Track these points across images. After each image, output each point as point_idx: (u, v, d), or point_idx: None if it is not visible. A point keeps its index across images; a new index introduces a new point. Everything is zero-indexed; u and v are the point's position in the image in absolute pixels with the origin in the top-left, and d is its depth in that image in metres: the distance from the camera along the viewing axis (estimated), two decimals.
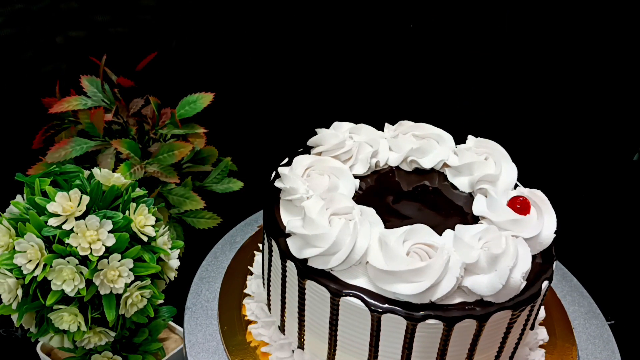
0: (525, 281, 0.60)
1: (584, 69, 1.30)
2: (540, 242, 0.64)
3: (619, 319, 1.07)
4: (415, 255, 0.60)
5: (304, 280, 0.63)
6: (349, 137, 0.78)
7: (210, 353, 0.74)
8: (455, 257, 0.59)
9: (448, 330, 0.59)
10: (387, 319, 0.59)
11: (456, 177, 0.76)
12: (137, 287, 0.70)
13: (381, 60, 1.27)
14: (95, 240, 0.67)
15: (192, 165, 1.01)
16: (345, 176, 0.72)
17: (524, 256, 0.60)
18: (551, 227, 0.65)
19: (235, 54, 1.18)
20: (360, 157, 0.76)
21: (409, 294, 0.58)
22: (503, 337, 0.64)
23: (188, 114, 0.95)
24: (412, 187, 0.76)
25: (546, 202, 0.68)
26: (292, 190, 0.68)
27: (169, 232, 0.77)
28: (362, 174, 0.76)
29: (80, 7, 1.02)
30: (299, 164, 0.72)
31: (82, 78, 0.95)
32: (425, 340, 0.60)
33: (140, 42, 1.09)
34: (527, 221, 0.64)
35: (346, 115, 0.85)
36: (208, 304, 0.80)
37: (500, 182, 0.72)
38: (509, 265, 0.58)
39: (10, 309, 0.69)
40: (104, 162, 0.90)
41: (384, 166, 0.79)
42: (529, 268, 0.60)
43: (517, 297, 0.61)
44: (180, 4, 1.09)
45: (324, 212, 0.63)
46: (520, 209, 0.65)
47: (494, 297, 0.59)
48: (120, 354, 0.82)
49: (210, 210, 1.00)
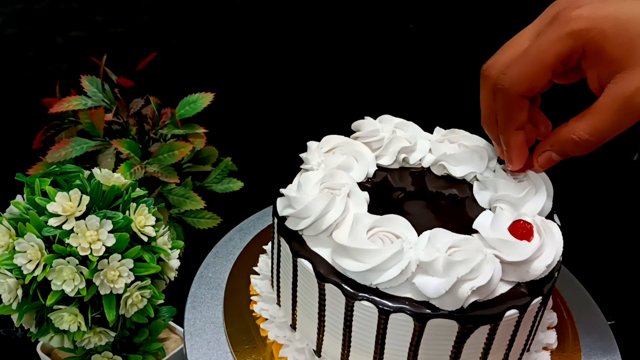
0: (476, 297, 0.58)
1: None
2: (528, 271, 0.61)
3: (619, 319, 1.07)
4: (378, 240, 0.62)
5: (279, 237, 0.69)
6: (390, 130, 0.80)
7: (210, 353, 0.74)
8: (413, 252, 0.61)
9: (385, 320, 0.60)
10: (329, 289, 0.63)
11: (480, 192, 0.75)
12: (137, 287, 0.70)
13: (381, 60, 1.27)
14: (96, 241, 0.67)
15: (192, 165, 1.01)
16: (364, 161, 0.76)
17: (486, 273, 0.58)
18: (545, 261, 0.62)
19: (235, 54, 1.18)
20: (390, 149, 0.79)
21: (353, 270, 0.61)
22: (453, 350, 0.62)
23: (188, 114, 0.95)
24: (431, 190, 0.76)
25: (554, 235, 0.65)
26: (307, 161, 0.75)
27: (169, 232, 0.77)
28: (388, 166, 0.79)
29: (80, 7, 1.02)
30: (328, 141, 0.78)
31: (82, 78, 0.95)
32: (362, 322, 0.62)
33: (140, 42, 1.09)
34: (517, 246, 0.61)
35: (346, 115, 0.85)
36: (208, 303, 0.80)
37: (524, 207, 0.69)
38: (460, 274, 0.57)
39: (11, 309, 0.69)
40: (104, 162, 0.90)
41: (416, 164, 0.80)
42: (482, 284, 0.57)
43: (466, 311, 0.59)
44: (180, 4, 1.09)
45: (319, 183, 0.68)
46: (521, 234, 0.62)
47: (439, 302, 0.59)
48: (120, 354, 0.82)
49: (210, 210, 1.00)
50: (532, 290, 0.62)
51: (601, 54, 0.55)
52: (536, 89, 0.60)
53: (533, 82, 0.59)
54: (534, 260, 0.61)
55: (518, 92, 0.60)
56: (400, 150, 0.79)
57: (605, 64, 0.56)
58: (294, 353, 0.71)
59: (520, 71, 0.59)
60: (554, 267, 0.63)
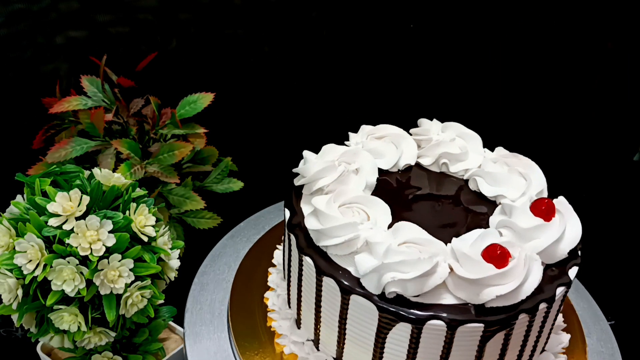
0: (398, 290, 0.59)
1: (584, 69, 1.30)
2: (478, 294, 0.59)
3: (619, 319, 1.07)
4: (349, 212, 0.67)
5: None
6: (449, 136, 0.81)
7: (210, 353, 0.74)
8: (370, 232, 0.63)
9: (345, 299, 0.63)
10: (305, 262, 0.67)
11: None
12: (137, 287, 0.70)
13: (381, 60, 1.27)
14: (96, 241, 0.67)
15: (193, 165, 1.00)
16: (398, 150, 0.79)
17: (421, 273, 0.58)
18: (495, 292, 0.58)
19: (236, 54, 1.18)
20: (434, 152, 0.80)
21: (312, 228, 0.65)
22: (409, 351, 0.62)
23: (188, 114, 0.95)
24: (450, 197, 0.76)
25: (524, 276, 0.60)
26: (351, 138, 0.81)
27: (169, 232, 0.77)
28: (426, 166, 0.80)
29: (80, 7, 1.02)
30: (383, 129, 0.82)
31: (83, 78, 0.95)
32: (328, 298, 0.66)
33: (140, 42, 1.09)
34: (478, 265, 0.59)
35: (346, 115, 0.85)
36: (209, 303, 0.80)
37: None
38: (392, 260, 0.59)
39: (11, 309, 0.69)
40: (104, 162, 0.90)
41: (458, 174, 0.79)
42: (407, 278, 0.58)
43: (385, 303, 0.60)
44: (180, 4, 1.09)
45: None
46: (492, 257, 0.59)
47: (364, 280, 0.61)
48: (121, 354, 0.82)
49: (210, 210, 1.00)
50: (479, 313, 0.60)
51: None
52: None
53: None
54: (486, 286, 0.59)
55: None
56: (442, 155, 0.78)
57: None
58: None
59: None
60: (508, 306, 0.59)
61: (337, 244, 0.63)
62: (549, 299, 0.62)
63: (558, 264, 0.65)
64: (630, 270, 1.26)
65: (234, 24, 1.15)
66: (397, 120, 0.87)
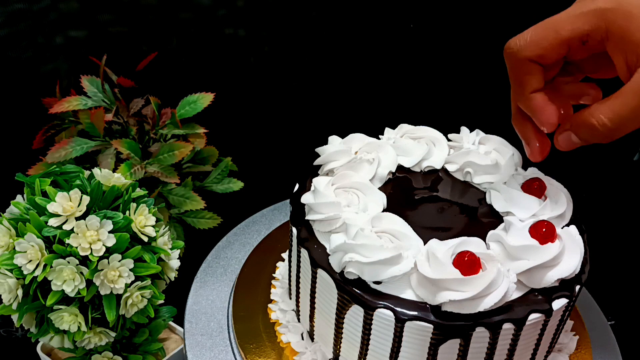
0: (354, 271, 0.61)
1: None
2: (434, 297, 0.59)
3: (619, 319, 1.07)
4: (342, 194, 0.69)
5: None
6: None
7: (211, 353, 0.74)
8: (354, 216, 0.65)
9: (314, 272, 0.66)
10: (293, 233, 0.70)
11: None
12: (137, 287, 0.70)
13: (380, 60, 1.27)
14: (96, 241, 0.67)
15: (193, 165, 1.00)
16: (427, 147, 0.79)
17: (373, 259, 0.59)
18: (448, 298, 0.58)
19: (236, 54, 1.18)
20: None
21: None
22: (363, 337, 0.64)
23: (188, 114, 0.95)
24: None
25: (488, 283, 0.58)
26: (386, 132, 0.82)
27: (169, 232, 0.77)
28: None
29: (80, 7, 1.02)
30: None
31: (83, 78, 0.95)
32: (304, 271, 0.68)
33: (140, 42, 1.09)
34: (438, 265, 0.60)
35: (346, 115, 0.85)
36: (208, 303, 0.80)
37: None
38: (346, 241, 0.61)
39: (11, 309, 0.69)
40: (104, 162, 0.90)
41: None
42: (359, 260, 0.60)
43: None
44: (180, 3, 1.09)
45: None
46: (461, 263, 0.59)
47: (331, 258, 0.63)
48: (121, 354, 0.82)
49: (210, 210, 1.00)
50: (435, 314, 0.60)
51: (627, 36, 0.53)
52: (546, 57, 0.57)
53: (543, 49, 0.57)
54: (444, 289, 0.59)
55: (526, 56, 0.58)
56: (467, 164, 0.77)
57: (632, 48, 0.53)
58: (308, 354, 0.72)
59: (532, 36, 0.57)
60: (464, 314, 0.59)
61: (320, 219, 0.66)
62: (516, 321, 0.59)
63: (544, 291, 0.61)
64: (630, 270, 1.26)
65: (234, 24, 1.15)
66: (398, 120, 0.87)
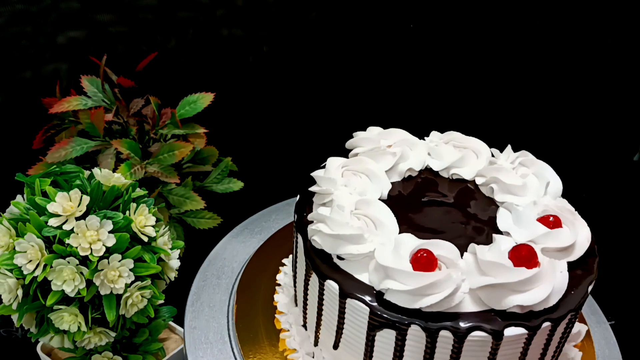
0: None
1: (584, 69, 1.30)
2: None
3: (619, 319, 1.07)
4: (349, 175, 0.73)
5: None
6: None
7: (211, 353, 0.74)
8: (344, 196, 0.69)
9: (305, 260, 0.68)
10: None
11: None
12: (137, 287, 0.70)
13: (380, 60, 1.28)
14: (96, 241, 0.67)
15: (193, 165, 1.00)
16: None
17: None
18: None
19: (235, 54, 1.18)
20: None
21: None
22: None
23: (188, 114, 0.95)
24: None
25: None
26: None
27: (169, 232, 0.77)
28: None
29: (80, 7, 1.02)
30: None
31: (83, 78, 0.95)
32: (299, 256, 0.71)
33: (140, 42, 1.09)
34: (402, 272, 0.60)
35: (346, 115, 0.85)
36: (208, 303, 0.80)
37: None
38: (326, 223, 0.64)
39: (11, 309, 0.69)
40: (104, 162, 0.90)
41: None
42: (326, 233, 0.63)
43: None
44: (180, 3, 1.09)
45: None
46: (421, 263, 0.60)
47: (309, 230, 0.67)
48: (121, 354, 0.82)
49: (210, 210, 1.00)
50: (378, 300, 0.62)
51: None
52: None
53: None
54: (387, 277, 0.61)
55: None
56: (493, 179, 0.77)
57: None
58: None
59: None
60: (402, 307, 0.60)
61: (315, 191, 0.71)
62: (456, 331, 0.58)
63: (502, 314, 0.59)
64: (630, 270, 1.26)
65: (234, 24, 1.15)
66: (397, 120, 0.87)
